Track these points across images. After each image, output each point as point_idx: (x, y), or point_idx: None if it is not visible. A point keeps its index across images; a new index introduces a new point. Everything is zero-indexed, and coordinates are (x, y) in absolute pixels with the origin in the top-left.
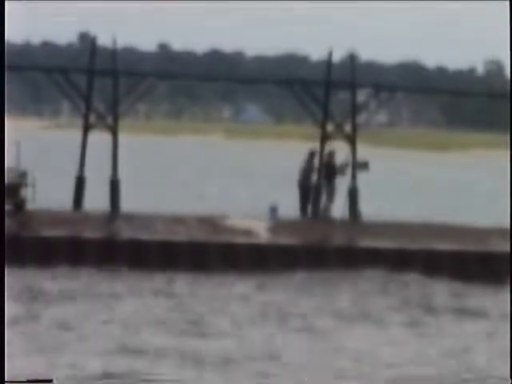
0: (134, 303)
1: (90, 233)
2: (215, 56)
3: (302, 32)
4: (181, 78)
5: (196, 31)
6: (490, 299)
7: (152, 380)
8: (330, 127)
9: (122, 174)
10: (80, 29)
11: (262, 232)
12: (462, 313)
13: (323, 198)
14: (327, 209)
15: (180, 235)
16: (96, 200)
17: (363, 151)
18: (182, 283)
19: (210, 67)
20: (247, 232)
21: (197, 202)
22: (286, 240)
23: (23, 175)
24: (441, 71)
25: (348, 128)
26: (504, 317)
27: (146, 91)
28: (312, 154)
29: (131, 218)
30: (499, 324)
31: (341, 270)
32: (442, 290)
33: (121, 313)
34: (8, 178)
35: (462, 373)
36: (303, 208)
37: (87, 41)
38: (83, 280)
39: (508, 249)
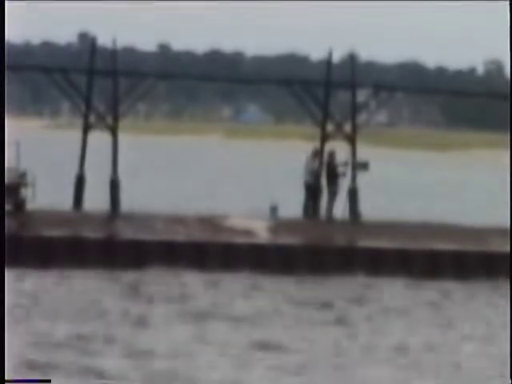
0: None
1: (90, 233)
2: (215, 56)
3: (302, 32)
4: (181, 78)
5: (196, 31)
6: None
7: None
8: (330, 127)
9: (122, 174)
10: (80, 29)
11: (262, 232)
12: None
13: (326, 199)
14: (329, 209)
15: (180, 235)
16: (96, 200)
17: (363, 151)
18: (180, 284)
19: (210, 67)
20: (247, 232)
21: (197, 201)
22: (286, 240)
23: (23, 175)
24: (441, 71)
25: (348, 128)
26: None
27: (146, 91)
28: (316, 153)
29: (131, 218)
30: None
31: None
32: None
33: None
34: (8, 178)
35: None
36: (307, 208)
37: (87, 41)
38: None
39: (508, 249)
